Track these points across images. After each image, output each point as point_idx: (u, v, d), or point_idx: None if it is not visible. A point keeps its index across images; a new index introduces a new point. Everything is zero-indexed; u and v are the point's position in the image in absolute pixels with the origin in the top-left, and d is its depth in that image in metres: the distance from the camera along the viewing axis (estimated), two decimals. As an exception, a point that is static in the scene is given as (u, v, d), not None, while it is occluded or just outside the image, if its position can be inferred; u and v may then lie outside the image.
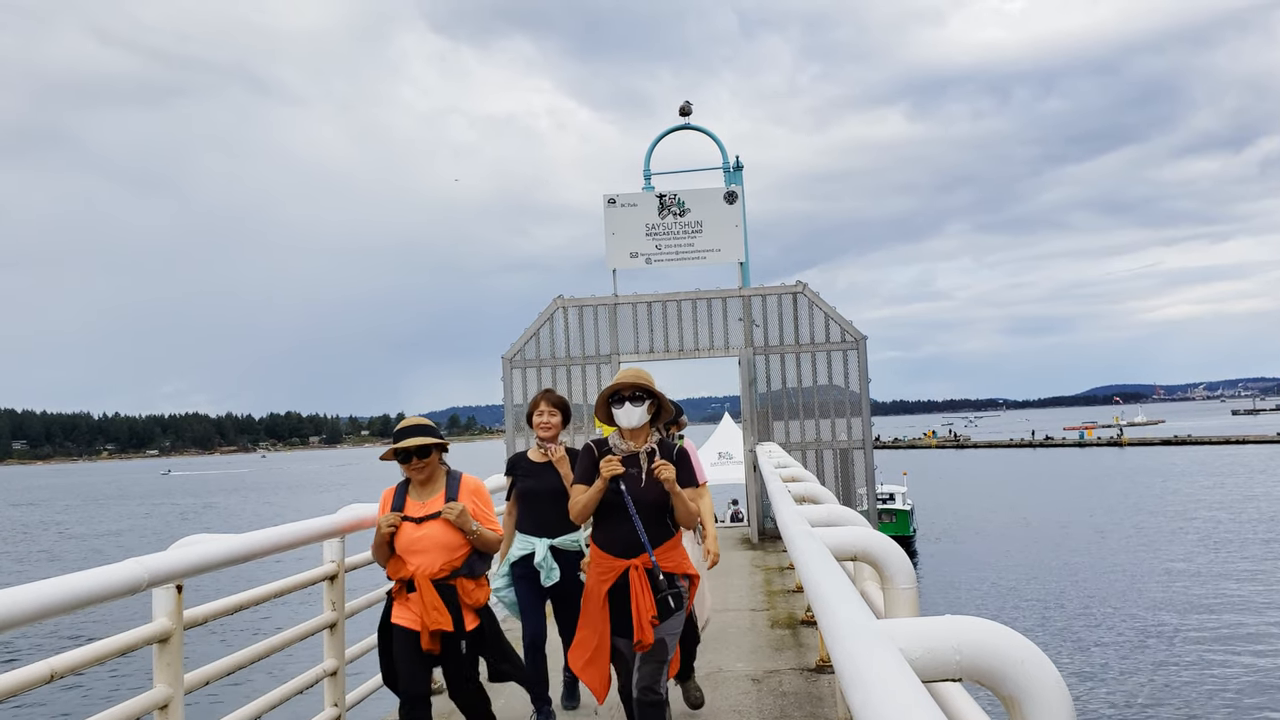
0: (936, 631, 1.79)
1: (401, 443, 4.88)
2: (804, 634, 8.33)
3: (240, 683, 6.14)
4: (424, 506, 4.92)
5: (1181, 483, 61.30)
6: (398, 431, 4.96)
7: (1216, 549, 35.48)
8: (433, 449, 4.95)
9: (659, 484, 4.66)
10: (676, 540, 4.78)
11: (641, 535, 4.62)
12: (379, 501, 5.18)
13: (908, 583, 3.37)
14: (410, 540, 4.86)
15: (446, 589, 4.82)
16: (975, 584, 31.08)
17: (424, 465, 4.91)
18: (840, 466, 16.54)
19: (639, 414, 4.74)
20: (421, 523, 4.86)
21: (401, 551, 4.88)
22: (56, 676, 3.29)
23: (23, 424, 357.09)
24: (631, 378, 4.80)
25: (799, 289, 16.68)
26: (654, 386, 4.81)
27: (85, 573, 3.25)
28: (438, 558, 4.83)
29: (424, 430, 4.95)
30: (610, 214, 16.99)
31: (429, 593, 4.76)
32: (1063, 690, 1.74)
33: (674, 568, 4.71)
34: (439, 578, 4.80)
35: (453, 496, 4.94)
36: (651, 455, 4.76)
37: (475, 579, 4.93)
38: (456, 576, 4.85)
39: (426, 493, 4.97)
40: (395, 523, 4.86)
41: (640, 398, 4.75)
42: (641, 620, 4.51)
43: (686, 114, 18.23)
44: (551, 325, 16.82)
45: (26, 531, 68.10)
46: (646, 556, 4.60)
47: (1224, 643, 22.46)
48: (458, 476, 5.05)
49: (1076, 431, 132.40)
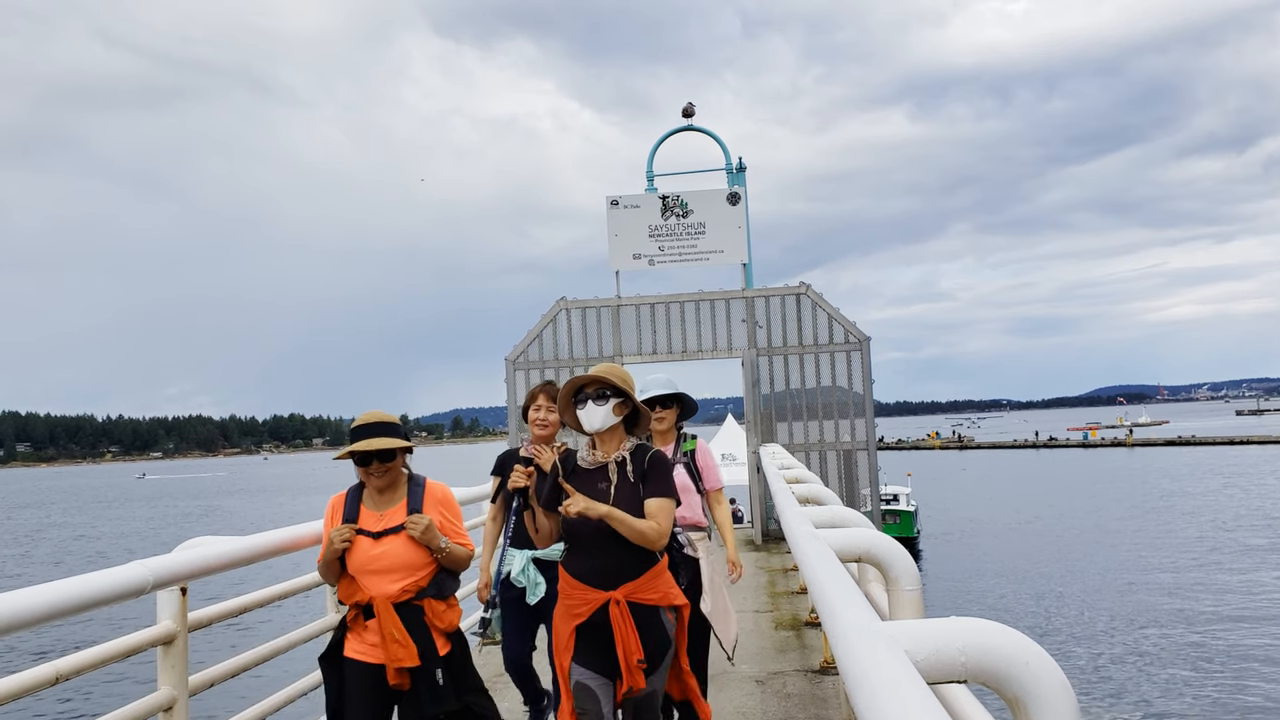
0: (941, 633, 1.79)
1: (360, 444, 4.06)
2: (808, 635, 8.32)
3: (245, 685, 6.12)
4: (382, 519, 4.10)
5: (1187, 483, 61.19)
6: (355, 429, 4.13)
7: (1224, 551, 35.40)
8: (397, 453, 4.13)
9: (632, 500, 3.93)
10: (660, 568, 4.01)
11: (505, 544, 4.05)
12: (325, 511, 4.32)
13: (912, 584, 3.37)
14: (366, 558, 4.05)
15: (411, 612, 4.05)
16: (980, 585, 31.03)
17: (385, 470, 4.11)
18: (844, 468, 16.53)
19: (602, 415, 3.99)
20: (380, 538, 4.07)
21: (356, 571, 4.07)
22: (62, 678, 3.29)
23: (26, 426, 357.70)
24: (599, 373, 4.05)
25: (802, 290, 16.68)
26: (623, 383, 4.03)
27: (90, 575, 3.26)
28: (399, 578, 4.05)
29: (386, 429, 4.14)
30: (613, 215, 17.00)
31: (389, 619, 3.98)
32: (1068, 692, 1.74)
33: (658, 599, 3.94)
34: (401, 600, 4.03)
35: (416, 506, 4.14)
36: (622, 466, 4.01)
37: (444, 599, 4.17)
38: (423, 598, 4.09)
39: (385, 501, 4.15)
40: (349, 537, 4.06)
41: (604, 395, 4.00)
42: (629, 662, 3.80)
43: (689, 115, 18.23)
44: (554, 327, 16.83)
45: (28, 534, 68.19)
46: (629, 585, 3.87)
47: (1230, 644, 22.41)
48: (421, 483, 4.25)
49: (1080, 432, 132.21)
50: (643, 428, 4.18)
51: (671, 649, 4.02)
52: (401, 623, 4.00)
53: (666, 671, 4.03)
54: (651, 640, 3.91)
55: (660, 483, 3.98)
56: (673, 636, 4.02)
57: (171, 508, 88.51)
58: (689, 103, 18.20)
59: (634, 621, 3.85)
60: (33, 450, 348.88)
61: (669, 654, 4.01)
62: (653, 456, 4.03)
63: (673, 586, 4.07)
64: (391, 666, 3.95)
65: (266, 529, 4.61)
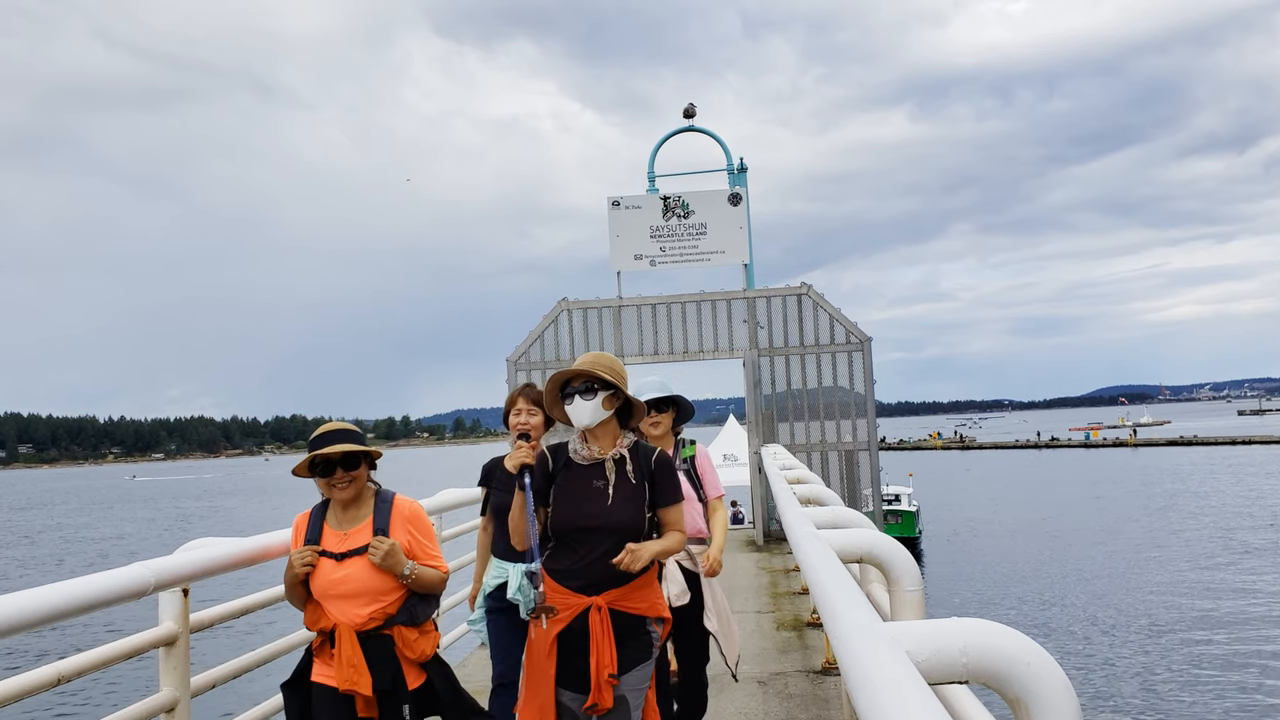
0: (943, 633, 1.79)
1: (321, 450, 3.76)
2: (810, 636, 8.32)
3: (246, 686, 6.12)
4: (345, 539, 3.80)
5: (1190, 483, 61.14)
6: (314, 438, 3.84)
7: (1228, 552, 35.36)
8: (360, 460, 3.83)
9: (632, 502, 3.72)
10: (650, 577, 3.78)
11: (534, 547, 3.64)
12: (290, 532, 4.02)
13: (913, 584, 3.37)
14: (329, 582, 3.74)
15: (379, 642, 3.73)
16: (981, 585, 31.02)
17: (349, 480, 3.79)
18: (845, 468, 16.53)
19: (590, 410, 3.74)
20: (343, 559, 3.75)
21: (320, 596, 3.76)
22: (64, 680, 3.30)
23: (28, 428, 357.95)
24: (585, 364, 3.79)
25: (803, 290, 16.68)
26: (613, 376, 3.77)
27: (92, 576, 3.26)
28: (365, 604, 3.73)
29: (348, 436, 3.83)
30: (614, 216, 17.00)
31: (348, 647, 3.67)
32: (1069, 692, 1.74)
33: (645, 609, 3.72)
34: (369, 628, 3.72)
35: (383, 525, 3.82)
36: (621, 464, 3.78)
37: (418, 626, 3.84)
38: (393, 624, 3.76)
39: (350, 519, 3.85)
40: (311, 560, 3.74)
41: (591, 389, 3.74)
42: (599, 676, 3.56)
43: (690, 116, 18.23)
44: (556, 327, 16.83)
45: (29, 535, 68.24)
46: (614, 593, 3.64)
47: (1233, 646, 22.39)
48: (389, 498, 3.93)
49: (1082, 433, 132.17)
50: (636, 419, 3.92)
51: (653, 663, 3.77)
52: (364, 653, 3.68)
53: (646, 689, 3.74)
54: (632, 653, 3.67)
55: (673, 488, 3.83)
56: (654, 650, 3.78)
57: (173, 509, 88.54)
58: (690, 103, 18.20)
59: (615, 632, 3.61)
60: (35, 452, 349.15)
61: (649, 668, 3.74)
62: (659, 458, 3.82)
63: (660, 598, 3.84)
64: (342, 690, 3.64)
65: (268, 530, 4.60)
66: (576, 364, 3.81)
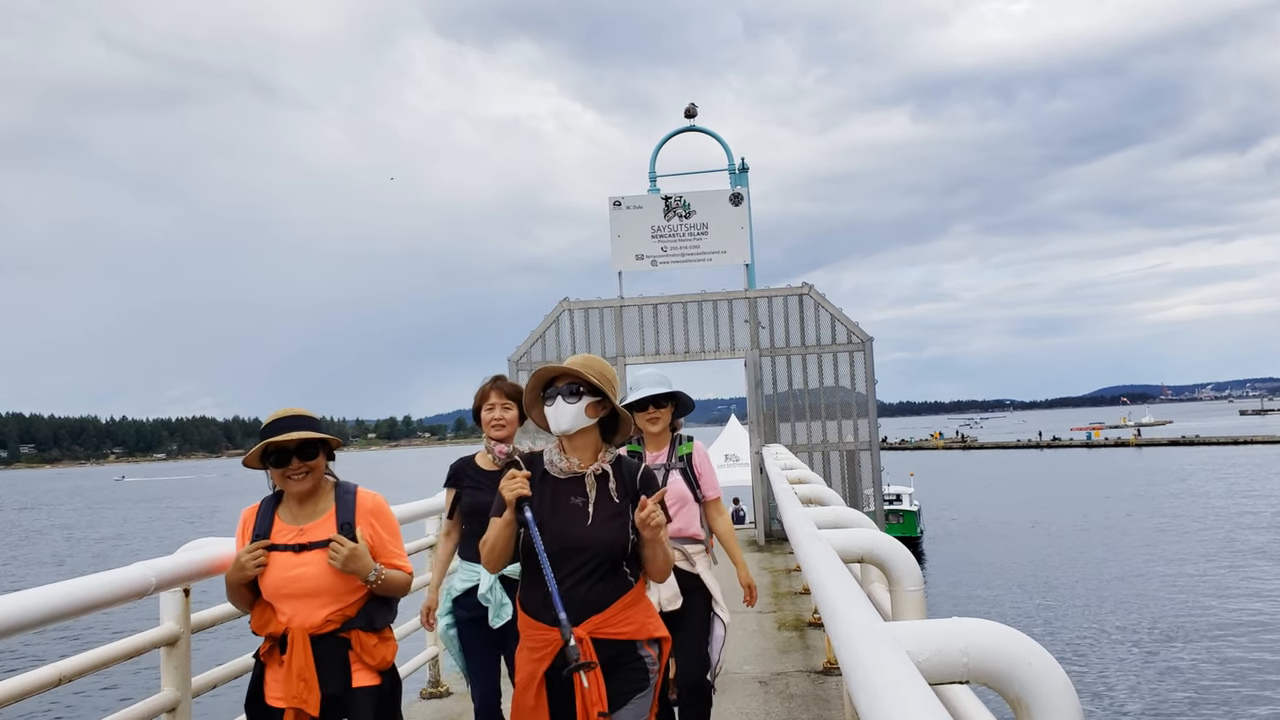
0: (944, 634, 1.79)
1: (275, 437, 3.37)
2: (811, 636, 8.32)
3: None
4: (302, 533, 3.42)
5: (1193, 483, 61.09)
6: (267, 425, 3.45)
7: (1232, 553, 35.33)
8: (318, 448, 3.46)
9: (615, 522, 3.26)
10: (637, 594, 3.32)
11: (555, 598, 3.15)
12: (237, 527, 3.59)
13: (915, 584, 3.37)
14: (283, 579, 3.36)
15: (335, 646, 3.37)
16: (983, 586, 31.00)
17: (306, 471, 3.42)
18: (847, 468, 16.53)
19: (572, 414, 3.29)
20: (301, 552, 3.38)
21: (272, 595, 3.39)
22: (65, 680, 3.30)
23: (30, 428, 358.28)
24: (574, 364, 3.37)
25: (805, 290, 16.68)
26: (600, 380, 3.33)
27: (94, 576, 3.26)
28: (323, 604, 3.35)
29: (304, 422, 3.44)
30: (616, 216, 17.01)
31: (300, 656, 3.29)
32: (1070, 692, 1.74)
33: (634, 632, 3.26)
34: (325, 631, 3.35)
35: (348, 518, 3.46)
36: (603, 479, 3.32)
37: (376, 631, 3.48)
38: (351, 628, 3.40)
39: (306, 513, 3.47)
40: (263, 559, 3.37)
41: (576, 392, 3.31)
42: (589, 716, 3.13)
43: (692, 116, 18.24)
44: (557, 328, 16.84)
45: (30, 536, 68.31)
46: (595, 620, 3.19)
47: (1235, 647, 22.37)
48: (352, 490, 3.56)
49: (1084, 433, 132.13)
50: (622, 435, 3.45)
51: (652, 691, 3.30)
52: (317, 660, 3.32)
53: (644, 713, 3.29)
54: (625, 684, 3.23)
55: None
56: (652, 676, 3.30)
57: (175, 510, 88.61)
58: (691, 104, 18.22)
59: (602, 662, 3.16)
60: (36, 452, 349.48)
61: (648, 698, 3.28)
62: (645, 473, 3.39)
63: (652, 616, 3.36)
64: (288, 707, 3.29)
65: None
66: (566, 363, 3.41)
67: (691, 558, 4.78)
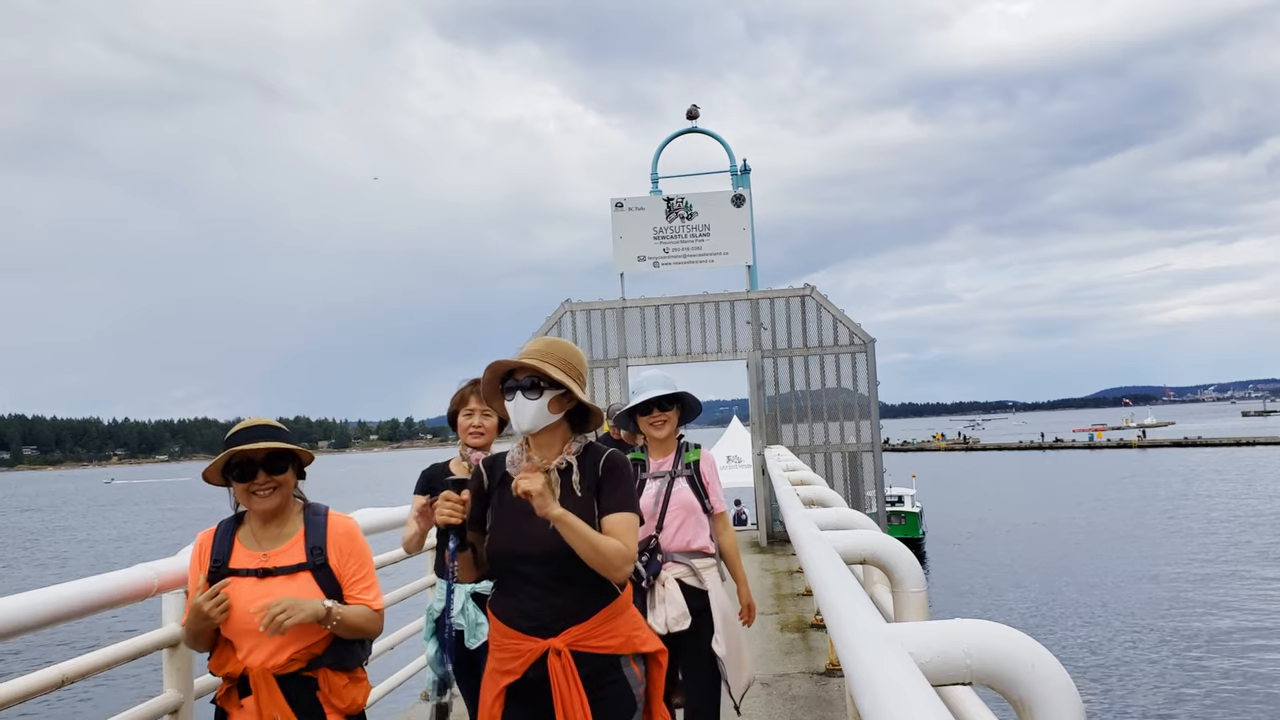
0: (946, 635, 1.78)
1: (241, 447, 3.01)
2: (813, 637, 8.32)
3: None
4: (266, 558, 3.04)
5: (1197, 485, 61.01)
6: (232, 434, 3.09)
7: (1237, 556, 35.27)
8: (288, 461, 3.10)
9: (583, 515, 2.90)
10: (619, 605, 2.97)
11: (449, 625, 2.93)
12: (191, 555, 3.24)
13: (917, 586, 3.37)
14: (244, 613, 2.95)
15: (300, 687, 2.99)
16: (985, 587, 30.97)
17: (273, 486, 3.05)
18: (849, 469, 16.52)
19: (533, 411, 2.94)
20: (264, 578, 3.01)
21: (230, 632, 3.00)
22: (67, 681, 3.30)
23: (33, 429, 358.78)
24: (532, 354, 2.98)
25: (807, 292, 16.68)
26: (563, 371, 2.96)
27: (97, 578, 3.26)
28: (287, 640, 2.97)
29: (272, 433, 3.09)
30: (618, 218, 17.01)
31: (268, 696, 2.93)
32: (1073, 693, 1.74)
33: (618, 645, 2.92)
34: (289, 671, 2.98)
35: (318, 542, 3.09)
36: (565, 474, 2.99)
37: (347, 671, 3.11)
38: (318, 667, 3.02)
39: (271, 536, 3.09)
40: (226, 604, 2.92)
41: (536, 386, 2.94)
42: None
43: (694, 117, 18.25)
44: (559, 329, 16.84)
45: (31, 538, 68.40)
46: (575, 631, 2.86)
47: (1238, 648, 22.34)
48: (323, 513, 3.20)
49: (1086, 434, 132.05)
50: (593, 425, 3.10)
51: (638, 715, 2.97)
52: (287, 703, 2.95)
53: None
54: (610, 705, 2.89)
55: (619, 492, 2.98)
56: (640, 697, 2.97)
57: (176, 511, 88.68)
58: (693, 105, 18.23)
59: (583, 678, 2.83)
60: (39, 453, 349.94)
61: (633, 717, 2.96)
62: (609, 459, 3.03)
63: (640, 628, 3.02)
64: None
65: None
66: (523, 351, 2.99)
67: (700, 574, 4.42)
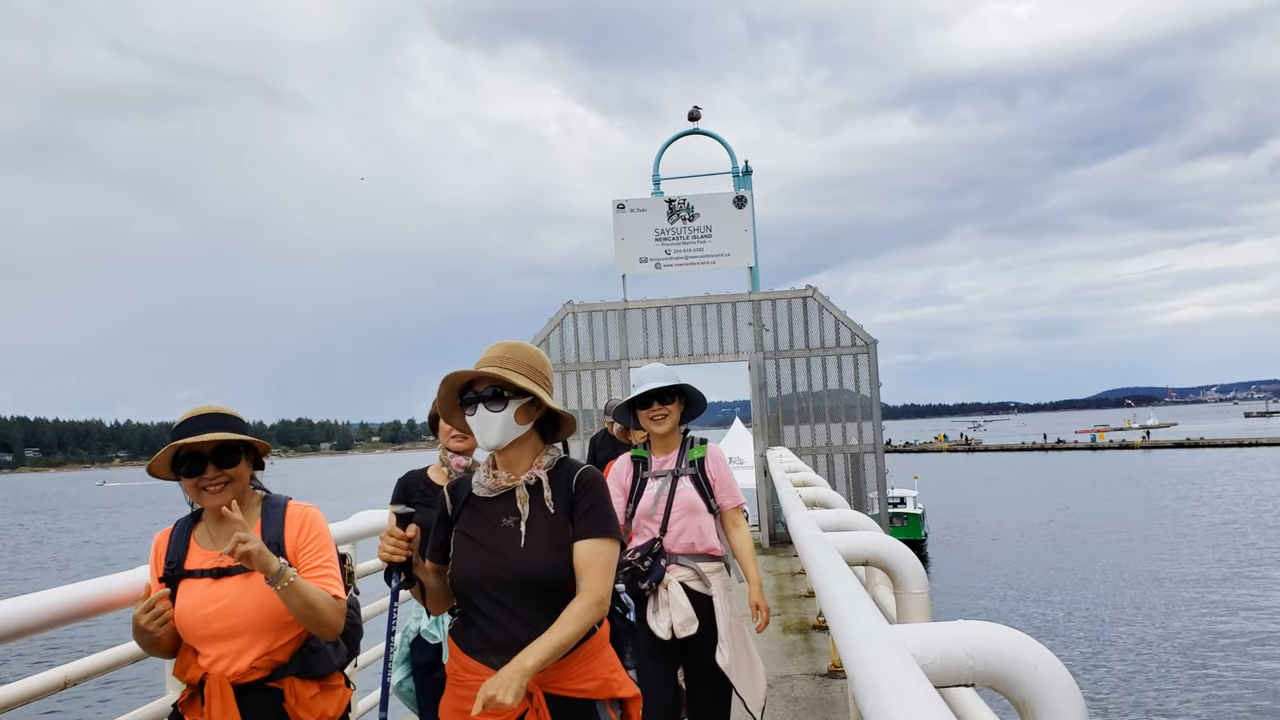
0: (949, 636, 1.78)
1: (186, 439, 2.70)
2: (816, 639, 8.32)
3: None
4: (222, 558, 2.72)
5: (1200, 486, 60.94)
6: (180, 424, 2.78)
7: (1241, 558, 35.22)
8: (239, 454, 2.79)
9: (550, 542, 2.61)
10: (596, 644, 2.66)
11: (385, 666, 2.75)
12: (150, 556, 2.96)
13: (920, 587, 3.36)
14: (198, 617, 2.69)
15: (263, 699, 2.70)
16: (988, 588, 30.95)
17: (224, 481, 2.76)
18: (851, 471, 16.51)
19: (499, 424, 2.64)
20: (220, 579, 2.72)
21: (190, 636, 2.72)
22: (70, 683, 3.30)
23: (35, 431, 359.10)
24: (491, 360, 2.69)
25: (809, 293, 16.67)
26: (530, 377, 2.67)
27: (99, 580, 3.26)
28: (247, 644, 2.69)
29: (223, 421, 2.76)
30: (619, 219, 17.02)
31: (222, 706, 2.64)
32: (1076, 695, 1.73)
33: (595, 689, 2.62)
34: (250, 680, 2.69)
35: (275, 537, 2.78)
36: (536, 491, 2.67)
37: (318, 679, 2.80)
38: (283, 675, 2.73)
39: (226, 533, 2.75)
40: (166, 616, 2.68)
41: (500, 396, 2.64)
42: None
43: (695, 119, 18.25)
44: (561, 331, 16.84)
45: (33, 540, 68.48)
46: (553, 672, 2.57)
47: (1241, 649, 22.30)
48: (281, 504, 2.90)
49: (1088, 435, 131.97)
50: (565, 432, 2.80)
51: None
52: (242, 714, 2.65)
53: None
54: None
55: (594, 516, 2.65)
56: None
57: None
58: (695, 106, 18.24)
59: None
60: (41, 455, 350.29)
61: None
62: (582, 476, 2.70)
63: (616, 670, 2.70)
64: None
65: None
66: (481, 359, 2.70)
67: (706, 577, 4.16)
